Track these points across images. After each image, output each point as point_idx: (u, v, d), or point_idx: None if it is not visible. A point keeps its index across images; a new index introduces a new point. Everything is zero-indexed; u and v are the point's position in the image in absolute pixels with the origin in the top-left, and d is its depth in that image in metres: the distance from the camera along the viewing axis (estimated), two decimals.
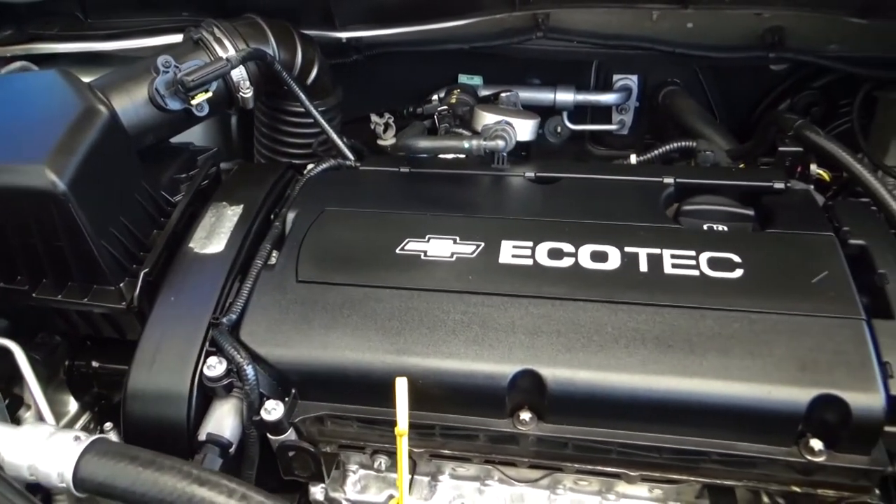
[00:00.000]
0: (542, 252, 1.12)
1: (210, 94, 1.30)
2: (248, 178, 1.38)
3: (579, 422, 1.00)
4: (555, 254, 1.11)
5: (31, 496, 0.78)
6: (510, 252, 1.12)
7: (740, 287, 1.04)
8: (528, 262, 1.11)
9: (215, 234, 1.22)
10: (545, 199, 1.26)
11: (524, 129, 1.37)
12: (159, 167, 1.35)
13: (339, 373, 1.03)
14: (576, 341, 1.00)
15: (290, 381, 1.06)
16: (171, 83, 1.26)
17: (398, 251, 1.14)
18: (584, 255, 1.10)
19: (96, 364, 1.35)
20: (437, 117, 1.53)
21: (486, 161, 1.33)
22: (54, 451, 0.84)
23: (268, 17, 1.48)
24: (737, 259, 1.07)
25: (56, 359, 1.34)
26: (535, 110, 1.64)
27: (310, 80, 1.52)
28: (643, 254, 1.10)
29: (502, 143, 1.25)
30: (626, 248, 1.11)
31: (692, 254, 1.09)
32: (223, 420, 1.07)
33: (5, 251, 1.15)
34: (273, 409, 1.02)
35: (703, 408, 0.95)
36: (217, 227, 1.23)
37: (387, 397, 0.96)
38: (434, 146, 1.31)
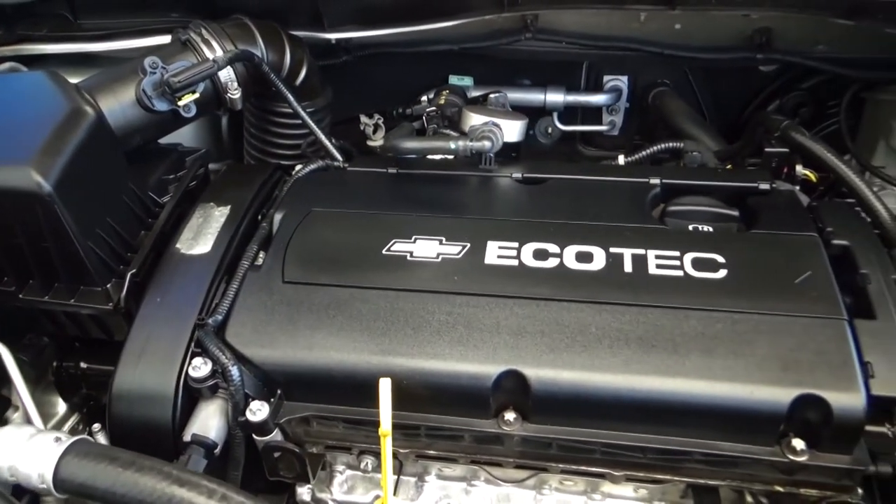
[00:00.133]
0: (527, 253, 1.12)
1: (197, 95, 1.30)
2: (235, 178, 1.38)
3: (563, 422, 1.00)
4: (540, 254, 1.12)
5: (13, 499, 0.78)
6: (496, 253, 1.12)
7: (724, 287, 1.04)
8: (514, 262, 1.11)
9: (202, 234, 1.22)
10: (532, 199, 1.26)
11: (511, 129, 1.37)
12: (147, 168, 1.35)
13: (324, 373, 1.03)
14: (560, 342, 1.00)
15: (275, 382, 1.06)
16: (158, 84, 1.26)
17: (384, 252, 1.14)
18: (570, 256, 1.11)
19: (84, 365, 1.35)
20: (425, 118, 1.53)
21: (473, 162, 1.33)
22: (35, 453, 0.84)
23: (256, 18, 1.48)
24: (721, 259, 1.08)
25: (44, 360, 1.34)
26: (526, 111, 1.64)
27: (298, 81, 1.52)
28: (628, 254, 1.10)
29: (489, 144, 1.25)
30: (611, 249, 1.11)
31: (676, 254, 1.09)
32: (208, 421, 1.07)
33: None
34: (258, 410, 1.02)
35: (686, 408, 0.95)
36: (204, 227, 1.23)
37: (372, 398, 0.96)
38: (421, 147, 1.32)
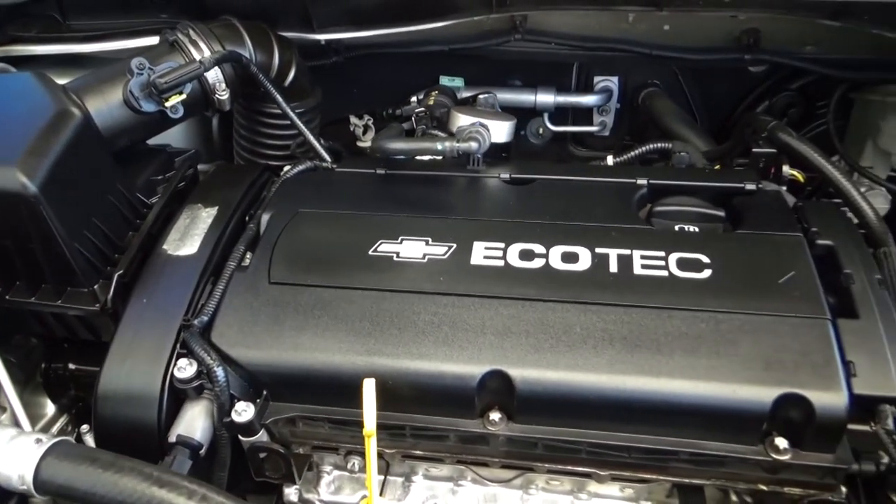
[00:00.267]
0: (513, 253, 1.12)
1: (184, 96, 1.30)
2: (224, 179, 1.38)
3: (548, 422, 1.01)
4: (526, 255, 1.12)
5: None
6: (482, 253, 1.13)
7: (708, 287, 1.04)
8: (500, 263, 1.11)
9: (189, 235, 1.22)
10: (519, 200, 1.26)
11: (499, 130, 1.37)
12: (135, 169, 1.35)
13: (309, 374, 1.03)
14: (544, 342, 1.00)
15: (261, 383, 1.06)
16: (145, 85, 1.26)
17: (371, 253, 1.15)
18: (555, 257, 1.11)
19: (73, 366, 1.35)
20: (414, 119, 1.53)
21: (462, 163, 1.34)
22: (15, 454, 0.83)
23: (245, 19, 1.48)
24: (705, 260, 1.08)
25: (32, 361, 1.34)
26: (517, 112, 1.64)
27: (287, 81, 1.52)
28: (613, 255, 1.10)
29: (475, 145, 1.25)
30: (597, 249, 1.11)
31: (662, 254, 1.10)
32: (194, 422, 1.07)
33: None
34: (244, 411, 1.02)
35: (670, 407, 0.96)
36: (191, 228, 1.23)
37: (358, 398, 0.96)
38: (407, 148, 1.32)
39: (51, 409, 1.36)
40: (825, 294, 1.03)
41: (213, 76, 1.37)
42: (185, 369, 1.04)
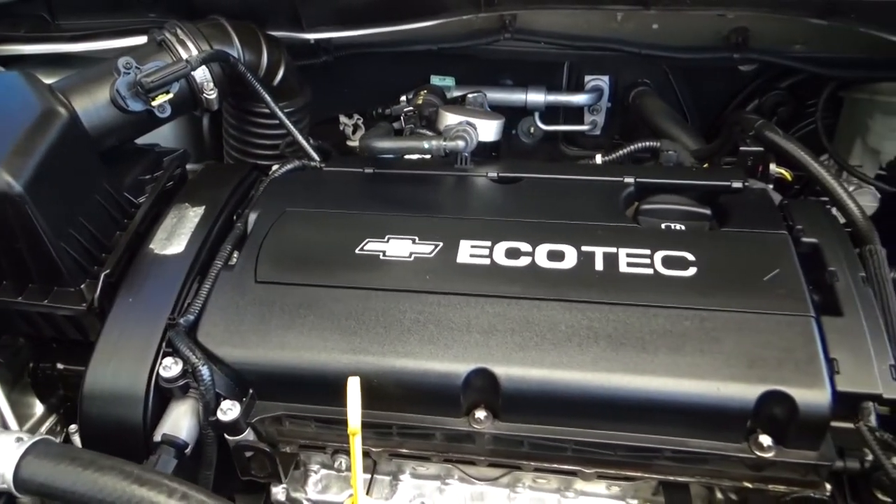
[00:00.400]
0: (499, 252, 1.12)
1: (171, 95, 1.30)
2: (211, 179, 1.38)
3: (534, 420, 1.01)
4: (512, 253, 1.12)
5: None
6: (468, 252, 1.13)
7: (693, 285, 1.05)
8: (486, 261, 1.11)
9: (176, 235, 1.22)
10: (506, 199, 1.26)
11: (487, 129, 1.37)
12: (123, 168, 1.35)
13: (295, 373, 1.03)
14: (529, 340, 1.00)
15: (247, 382, 1.06)
16: (131, 84, 1.26)
17: (357, 251, 1.15)
18: (541, 255, 1.11)
19: (61, 366, 1.34)
20: (403, 118, 1.53)
21: (450, 162, 1.34)
22: None
23: (234, 18, 1.48)
24: (691, 258, 1.08)
25: (20, 361, 1.33)
26: (508, 111, 1.65)
27: (276, 81, 1.52)
28: (599, 253, 1.11)
29: (462, 144, 1.25)
30: (583, 248, 1.12)
31: (647, 253, 1.10)
32: (179, 421, 1.06)
33: None
34: (229, 410, 1.02)
35: (654, 405, 0.96)
36: (178, 228, 1.23)
37: (343, 397, 0.96)
38: (394, 147, 1.32)
39: (39, 409, 1.36)
40: (810, 292, 1.03)
41: (201, 75, 1.37)
42: (171, 368, 1.04)
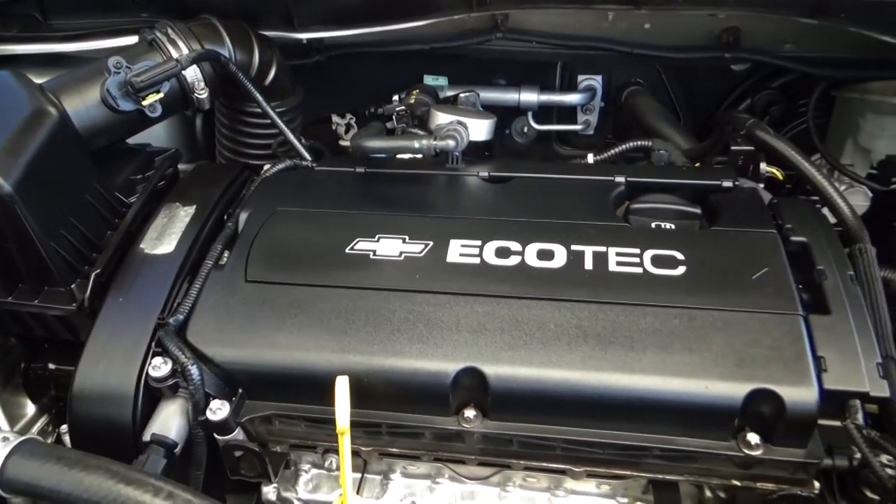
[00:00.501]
0: (489, 251, 1.12)
1: (161, 94, 1.30)
2: (203, 178, 1.38)
3: (523, 418, 1.01)
4: (502, 252, 1.12)
5: None
6: (458, 251, 1.13)
7: (682, 284, 1.05)
8: (476, 260, 1.11)
9: (166, 234, 1.22)
10: (497, 198, 1.26)
11: (478, 128, 1.38)
12: (115, 168, 1.34)
13: (285, 372, 1.03)
14: (518, 339, 1.00)
15: (236, 381, 1.06)
16: (122, 84, 1.26)
17: (347, 251, 1.15)
18: (531, 254, 1.11)
19: (53, 366, 1.34)
20: (395, 118, 1.53)
21: (442, 161, 1.34)
22: None
23: (226, 18, 1.48)
24: (680, 256, 1.09)
25: (11, 361, 1.33)
26: (501, 111, 1.64)
27: (268, 80, 1.52)
28: (589, 252, 1.11)
29: (453, 143, 1.26)
30: (573, 247, 1.12)
31: (637, 251, 1.10)
32: (169, 420, 1.06)
33: None
34: (218, 409, 1.02)
35: (643, 403, 0.96)
36: (169, 227, 1.23)
37: (333, 396, 0.96)
38: (385, 146, 1.32)
39: (31, 409, 1.36)
40: (798, 290, 1.03)
41: (192, 75, 1.37)
42: (160, 368, 1.04)
